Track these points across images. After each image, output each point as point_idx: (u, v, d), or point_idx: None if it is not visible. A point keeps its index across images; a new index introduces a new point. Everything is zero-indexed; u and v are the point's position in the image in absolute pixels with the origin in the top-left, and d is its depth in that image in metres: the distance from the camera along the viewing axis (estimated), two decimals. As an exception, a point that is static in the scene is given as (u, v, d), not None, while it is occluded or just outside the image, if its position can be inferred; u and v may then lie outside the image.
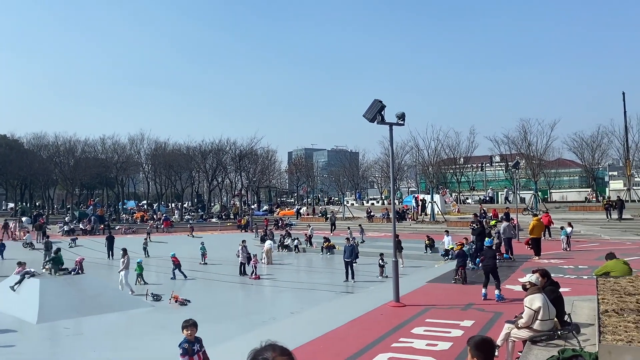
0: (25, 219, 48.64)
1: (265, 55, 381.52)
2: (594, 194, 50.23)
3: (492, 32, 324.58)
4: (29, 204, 67.92)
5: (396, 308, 13.28)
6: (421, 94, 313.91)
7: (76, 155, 65.16)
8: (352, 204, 63.79)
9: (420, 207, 46.86)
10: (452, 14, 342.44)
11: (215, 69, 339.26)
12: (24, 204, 66.47)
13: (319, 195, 79.73)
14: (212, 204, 70.22)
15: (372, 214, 49.06)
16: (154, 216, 55.98)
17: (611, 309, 7.10)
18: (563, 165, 60.42)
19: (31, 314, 15.75)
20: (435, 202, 44.97)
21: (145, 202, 71.59)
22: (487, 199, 54.95)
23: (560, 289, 9.57)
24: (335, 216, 46.98)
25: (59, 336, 14.52)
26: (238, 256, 26.07)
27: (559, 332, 8.13)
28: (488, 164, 66.93)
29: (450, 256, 24.64)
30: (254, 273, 23.98)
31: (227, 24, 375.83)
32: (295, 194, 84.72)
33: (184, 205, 70.52)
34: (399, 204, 50.85)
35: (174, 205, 69.83)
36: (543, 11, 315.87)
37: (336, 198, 76.37)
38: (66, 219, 50.96)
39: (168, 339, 13.81)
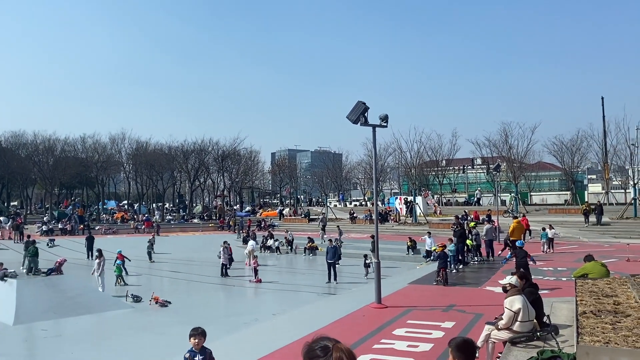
0: (2, 219, 47.82)
1: (249, 56, 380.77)
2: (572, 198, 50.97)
3: (474, 36, 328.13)
4: (6, 204, 66.71)
5: (378, 309, 13.33)
6: (404, 96, 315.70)
7: (56, 154, 63.95)
8: (335, 205, 63.82)
9: (409, 208, 46.78)
10: (433, 18, 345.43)
11: (199, 69, 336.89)
12: (1, 203, 65.24)
13: (299, 197, 79.26)
14: (194, 205, 69.70)
15: (354, 215, 49.23)
16: (135, 217, 55.46)
17: (589, 311, 7.22)
18: (543, 168, 61.16)
19: (8, 315, 15.47)
20: (417, 204, 45.25)
21: (126, 202, 70.78)
22: (475, 200, 55.43)
23: (540, 291, 9.70)
24: (326, 217, 46.63)
25: (36, 338, 14.30)
26: (219, 257, 25.91)
27: (538, 334, 8.23)
28: (470, 167, 67.49)
29: (432, 258, 24.79)
30: (256, 276, 23.22)
31: (211, 24, 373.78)
32: (279, 194, 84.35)
33: (165, 206, 69.90)
34: (382, 205, 50.94)
35: (154, 205, 69.21)
36: (526, 15, 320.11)
37: (319, 199, 76.24)
38: (44, 218, 50.22)
39: (148, 340, 13.70)
